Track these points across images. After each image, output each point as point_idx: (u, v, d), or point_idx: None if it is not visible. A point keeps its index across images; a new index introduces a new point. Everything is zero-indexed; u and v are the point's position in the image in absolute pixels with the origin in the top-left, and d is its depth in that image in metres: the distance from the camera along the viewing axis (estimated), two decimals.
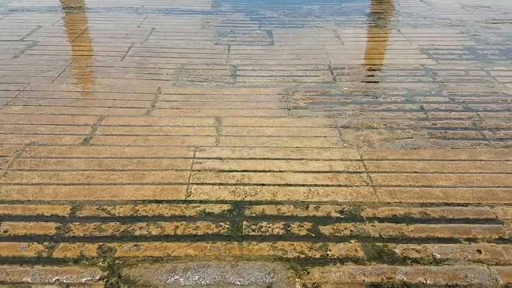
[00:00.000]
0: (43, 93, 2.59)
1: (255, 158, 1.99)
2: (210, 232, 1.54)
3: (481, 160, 1.99)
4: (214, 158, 1.98)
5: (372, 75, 2.96)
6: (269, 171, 1.89)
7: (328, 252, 1.45)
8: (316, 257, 1.43)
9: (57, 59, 3.12)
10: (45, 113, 2.36)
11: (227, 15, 4.27)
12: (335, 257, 1.43)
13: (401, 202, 1.70)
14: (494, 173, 1.89)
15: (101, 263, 1.39)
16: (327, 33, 3.78)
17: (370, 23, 4.11)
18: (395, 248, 1.47)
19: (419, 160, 1.98)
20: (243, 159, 1.98)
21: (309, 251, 1.45)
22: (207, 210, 1.64)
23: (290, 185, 1.80)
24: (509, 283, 1.33)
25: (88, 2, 4.81)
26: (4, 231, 1.52)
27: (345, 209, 1.66)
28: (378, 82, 2.86)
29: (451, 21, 4.12)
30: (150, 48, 3.37)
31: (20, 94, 2.57)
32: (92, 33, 3.76)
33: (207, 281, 1.33)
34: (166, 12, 4.33)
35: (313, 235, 1.53)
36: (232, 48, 3.41)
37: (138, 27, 3.86)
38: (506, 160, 1.99)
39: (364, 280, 1.34)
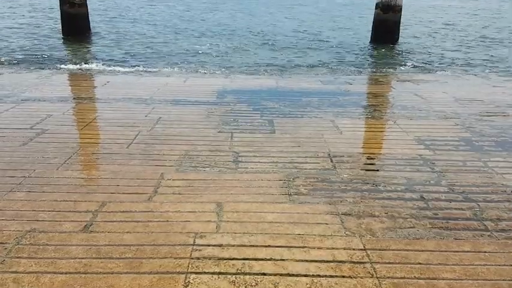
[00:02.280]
0: (47, 180, 2.63)
1: (256, 245, 1.96)
2: None
3: (485, 252, 1.96)
4: (214, 245, 1.96)
5: (371, 164, 3.02)
6: (270, 259, 1.86)
7: None
8: None
9: (64, 146, 3.21)
10: (48, 200, 2.37)
11: (231, 106, 4.46)
12: None
13: None
14: (499, 265, 1.85)
15: None
16: (326, 123, 3.92)
17: (367, 115, 4.28)
18: None
19: (422, 251, 1.95)
20: (244, 246, 1.95)
21: None
22: None
23: (292, 275, 1.76)
24: None
25: (98, 93, 5.06)
26: None
27: None
28: (377, 170, 2.91)
29: (445, 113, 4.28)
30: (155, 136, 3.48)
31: (24, 180, 2.61)
32: (101, 122, 3.91)
33: None
34: (173, 103, 4.54)
35: None
36: (235, 136, 3.52)
37: (146, 116, 4.02)
38: (510, 252, 1.95)
39: None
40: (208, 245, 1.96)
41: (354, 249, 1.95)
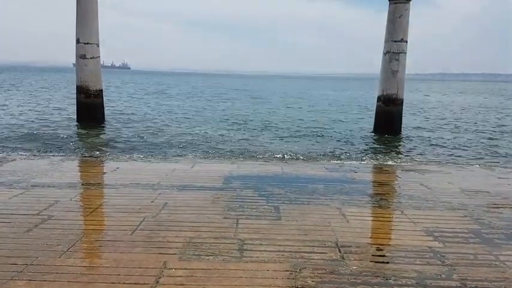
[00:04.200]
0: (49, 268, 2.58)
1: None
2: None
3: None
4: None
5: (380, 255, 2.94)
6: None
7: None
8: None
9: (68, 233, 3.18)
10: None
11: (237, 191, 4.48)
12: None
13: None
14: None
15: None
16: (332, 211, 3.89)
17: (374, 203, 4.26)
18: None
19: None
20: None
21: None
22: None
23: None
24: None
25: (107, 179, 5.13)
26: None
27: None
28: (387, 263, 2.82)
29: (452, 204, 4.24)
30: (160, 222, 3.46)
31: (26, 268, 2.56)
32: (107, 208, 3.92)
33: None
34: (179, 188, 4.57)
35: None
36: (241, 222, 3.49)
37: (152, 202, 4.02)
38: None
39: None
40: None
41: None
